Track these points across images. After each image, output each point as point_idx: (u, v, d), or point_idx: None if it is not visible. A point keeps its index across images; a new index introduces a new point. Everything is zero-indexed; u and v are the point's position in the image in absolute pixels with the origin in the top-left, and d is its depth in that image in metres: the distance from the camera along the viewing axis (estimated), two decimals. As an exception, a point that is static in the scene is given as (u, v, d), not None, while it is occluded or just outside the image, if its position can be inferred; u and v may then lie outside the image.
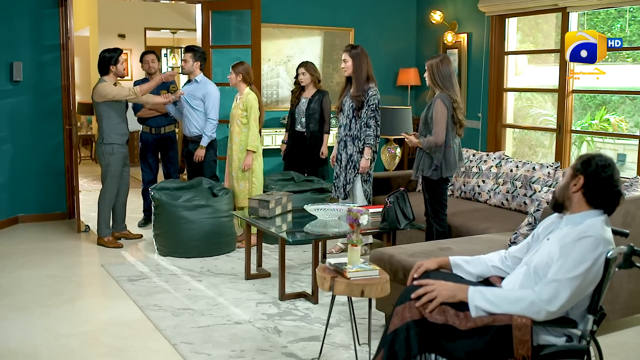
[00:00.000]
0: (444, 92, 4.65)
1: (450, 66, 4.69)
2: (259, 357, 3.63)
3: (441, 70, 4.66)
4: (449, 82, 4.66)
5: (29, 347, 3.78)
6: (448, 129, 4.61)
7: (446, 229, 4.78)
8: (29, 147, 6.79)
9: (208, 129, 6.04)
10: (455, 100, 4.64)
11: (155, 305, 4.44)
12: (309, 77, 6.33)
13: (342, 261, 3.51)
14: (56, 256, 5.66)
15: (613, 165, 2.57)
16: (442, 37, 7.73)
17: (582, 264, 2.39)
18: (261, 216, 4.88)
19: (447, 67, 4.67)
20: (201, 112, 6.08)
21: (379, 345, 2.64)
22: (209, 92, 6.07)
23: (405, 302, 2.58)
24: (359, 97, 5.42)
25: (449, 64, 4.70)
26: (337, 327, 4.09)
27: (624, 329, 4.10)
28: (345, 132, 5.55)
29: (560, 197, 2.64)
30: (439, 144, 4.60)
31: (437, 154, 4.62)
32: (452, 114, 4.62)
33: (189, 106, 6.11)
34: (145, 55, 6.74)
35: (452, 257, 2.89)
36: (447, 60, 4.71)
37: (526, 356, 2.41)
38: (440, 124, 4.58)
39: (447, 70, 4.67)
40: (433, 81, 4.70)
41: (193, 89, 6.11)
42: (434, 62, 4.70)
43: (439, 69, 4.66)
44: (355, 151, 5.48)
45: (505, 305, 2.45)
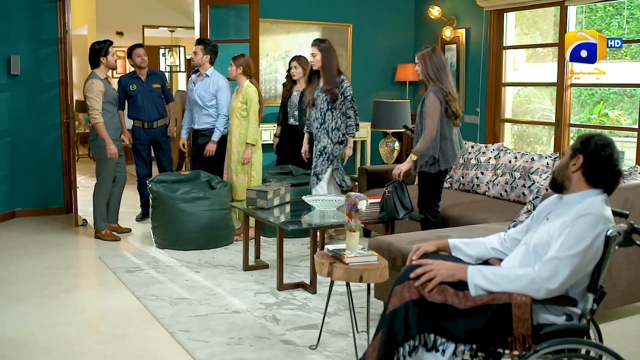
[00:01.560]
0: (437, 85, 4.51)
1: (442, 56, 4.55)
2: (256, 344, 3.61)
3: (434, 61, 4.51)
4: (443, 73, 4.51)
5: (25, 335, 3.76)
6: (443, 122, 4.53)
7: (439, 219, 4.74)
8: (27, 141, 6.77)
9: (220, 123, 6.03)
10: (448, 93, 4.49)
11: (153, 295, 4.42)
12: (301, 71, 6.33)
13: (341, 247, 3.50)
14: (53, 249, 5.64)
15: (612, 145, 2.55)
16: (440, 33, 7.72)
17: (581, 242, 2.38)
18: (259, 207, 4.86)
19: (439, 57, 4.52)
20: (213, 106, 6.07)
21: (378, 325, 2.62)
22: (221, 86, 6.06)
23: (404, 282, 2.56)
24: (332, 89, 5.46)
25: (441, 54, 4.56)
26: (335, 315, 4.07)
27: (623, 317, 4.09)
28: (317, 125, 5.56)
29: (559, 177, 2.62)
30: (432, 138, 4.48)
31: (434, 148, 4.54)
32: (445, 107, 4.50)
33: (200, 101, 6.09)
34: (135, 49, 6.57)
35: (451, 239, 2.88)
36: (438, 50, 4.56)
37: (526, 335, 2.39)
38: (432, 118, 4.46)
39: (440, 61, 4.52)
40: (426, 74, 4.55)
41: (205, 84, 6.10)
42: (426, 53, 4.55)
43: (432, 60, 4.51)
44: (329, 142, 5.49)
45: (505, 284, 2.43)
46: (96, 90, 5.68)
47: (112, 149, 5.70)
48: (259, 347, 3.57)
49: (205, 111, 6.10)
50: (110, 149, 5.69)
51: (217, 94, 6.04)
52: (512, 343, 2.40)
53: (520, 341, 2.39)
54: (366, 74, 8.16)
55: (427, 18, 7.87)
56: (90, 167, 10.27)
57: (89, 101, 5.68)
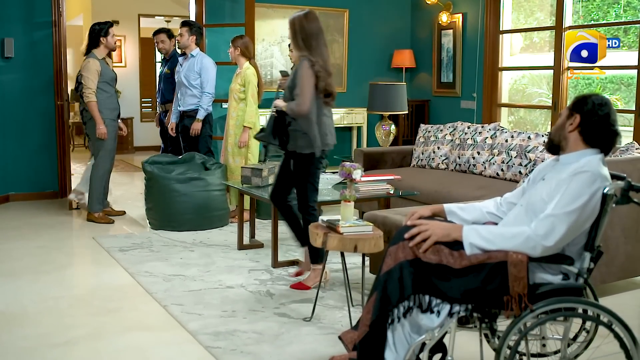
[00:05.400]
0: (308, 54, 3.92)
1: (317, 22, 3.97)
2: (250, 317, 3.58)
3: (305, 27, 3.93)
4: (315, 41, 3.93)
5: (16, 308, 3.72)
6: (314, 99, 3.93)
7: (317, 216, 3.96)
8: (21, 124, 6.72)
9: (204, 102, 5.99)
10: (320, 64, 3.91)
11: (147, 272, 4.38)
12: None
13: (335, 218, 3.46)
14: (47, 230, 5.59)
15: (609, 104, 2.52)
16: (436, 18, 7.69)
17: (578, 199, 2.34)
18: (254, 185, 4.82)
19: (312, 24, 3.95)
20: (198, 85, 6.04)
21: (372, 288, 2.59)
22: (204, 65, 6.02)
23: (398, 243, 2.52)
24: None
25: (316, 20, 3.98)
26: (330, 291, 4.04)
27: (620, 292, 4.06)
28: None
29: (556, 137, 2.59)
30: (302, 114, 3.88)
31: (304, 125, 3.95)
32: (316, 83, 3.89)
33: (186, 81, 6.06)
34: (156, 35, 6.64)
35: (447, 204, 2.84)
36: (312, 15, 3.98)
37: (522, 294, 2.34)
38: (305, 90, 3.85)
39: (311, 28, 3.94)
40: (296, 42, 3.98)
41: (190, 63, 6.07)
42: (297, 18, 3.97)
43: (303, 26, 3.93)
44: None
45: (501, 242, 2.39)
46: (92, 69, 5.64)
47: (101, 128, 5.66)
48: (252, 320, 3.54)
49: (191, 92, 6.06)
50: (99, 128, 5.65)
51: (201, 72, 6.01)
52: (508, 302, 2.36)
53: (517, 300, 2.35)
54: (362, 60, 8.12)
55: (424, 3, 7.84)
56: (86, 157, 10.23)
57: (84, 80, 5.64)
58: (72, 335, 3.33)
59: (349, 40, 8.02)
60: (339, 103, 7.98)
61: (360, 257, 4.21)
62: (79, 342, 3.25)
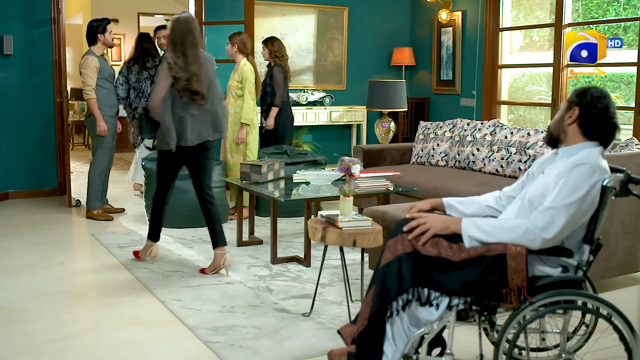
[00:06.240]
0: (171, 54, 4.06)
1: (188, 25, 4.07)
2: (249, 312, 3.57)
3: (175, 28, 4.08)
4: (180, 43, 4.04)
5: (16, 303, 3.71)
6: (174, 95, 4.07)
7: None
8: (20, 122, 6.71)
9: None
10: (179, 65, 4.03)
11: (145, 268, 4.38)
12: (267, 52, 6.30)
13: (334, 213, 3.46)
14: (46, 227, 5.59)
15: (608, 97, 2.52)
16: (436, 15, 7.69)
17: (577, 191, 2.34)
18: (253, 181, 4.82)
19: (183, 25, 4.07)
20: None
21: (371, 281, 2.58)
22: None
23: (397, 235, 2.52)
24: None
25: (186, 22, 4.08)
26: (329, 286, 4.03)
27: (620, 287, 4.05)
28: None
29: (555, 130, 2.58)
30: (151, 109, 4.06)
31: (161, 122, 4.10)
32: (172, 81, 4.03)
33: None
34: (157, 31, 6.60)
35: (446, 198, 2.83)
36: (184, 18, 4.10)
37: (521, 286, 2.34)
38: (156, 88, 4.03)
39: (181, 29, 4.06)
40: (167, 41, 4.16)
41: None
42: (172, 20, 4.14)
43: (173, 28, 4.09)
44: None
45: (500, 234, 2.39)
46: (91, 66, 5.64)
47: (101, 125, 5.66)
48: (251, 315, 3.53)
49: None
50: (100, 125, 5.65)
51: None
52: (507, 295, 2.35)
53: (516, 293, 2.35)
54: (362, 57, 8.12)
55: (424, 1, 7.84)
56: (85, 155, 10.23)
57: (83, 77, 5.64)
58: (71, 330, 3.32)
59: (348, 38, 8.02)
60: (338, 101, 8.00)
61: (359, 253, 4.21)
62: (78, 337, 3.24)
